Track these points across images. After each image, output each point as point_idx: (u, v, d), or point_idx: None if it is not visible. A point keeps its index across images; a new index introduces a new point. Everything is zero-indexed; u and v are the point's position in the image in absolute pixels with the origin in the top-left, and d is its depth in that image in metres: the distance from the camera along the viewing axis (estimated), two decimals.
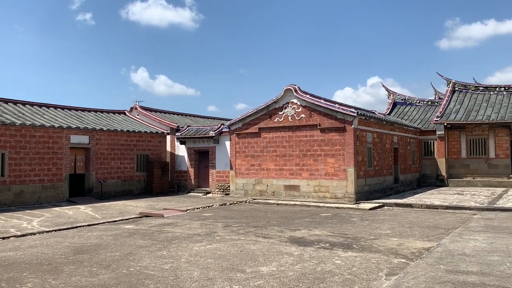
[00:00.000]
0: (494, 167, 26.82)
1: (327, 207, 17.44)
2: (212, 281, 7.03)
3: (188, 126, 25.44)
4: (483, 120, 26.43)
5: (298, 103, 20.49)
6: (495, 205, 16.55)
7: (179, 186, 24.73)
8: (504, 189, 24.14)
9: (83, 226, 13.21)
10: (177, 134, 24.81)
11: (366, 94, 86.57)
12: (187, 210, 16.83)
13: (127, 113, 26.97)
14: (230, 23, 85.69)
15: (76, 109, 24.18)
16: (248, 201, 19.91)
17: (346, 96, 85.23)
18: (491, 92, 29.99)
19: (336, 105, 19.95)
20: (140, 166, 23.70)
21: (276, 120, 21.14)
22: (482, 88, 30.61)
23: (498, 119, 26.03)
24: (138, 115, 27.08)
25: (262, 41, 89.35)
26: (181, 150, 24.92)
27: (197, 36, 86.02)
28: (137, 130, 23.42)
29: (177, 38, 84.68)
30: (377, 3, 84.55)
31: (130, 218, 14.80)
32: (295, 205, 18.34)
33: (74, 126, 20.41)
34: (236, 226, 12.62)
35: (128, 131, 22.86)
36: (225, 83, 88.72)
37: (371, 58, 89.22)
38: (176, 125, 25.51)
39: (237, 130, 22.39)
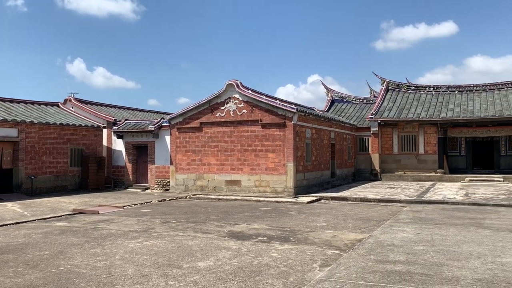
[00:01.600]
0: (423, 162, 28.56)
1: (267, 201, 17.69)
2: (147, 277, 6.90)
3: (126, 120, 24.67)
4: (413, 118, 28.02)
5: (240, 99, 20.54)
6: (422, 198, 17.63)
7: (116, 182, 23.94)
8: (431, 183, 25.78)
9: (9, 224, 12.41)
10: (114, 128, 23.98)
11: (307, 92, 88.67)
12: (124, 206, 16.35)
13: (60, 106, 25.63)
14: (173, 16, 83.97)
15: (4, 100, 22.58)
16: (188, 196, 19.70)
17: (287, 92, 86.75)
18: (422, 92, 31.85)
19: (277, 101, 20.24)
20: (75, 161, 22.66)
21: (218, 115, 21.06)
22: (413, 87, 32.41)
23: (427, 117, 27.71)
24: (72, 107, 25.83)
25: (205, 35, 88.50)
26: (119, 145, 24.12)
27: (138, 28, 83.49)
28: (71, 123, 22.34)
29: (117, 29, 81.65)
30: (318, 3, 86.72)
31: (63, 215, 14.12)
32: (236, 200, 18.42)
33: (1, 118, 19.07)
34: (175, 222, 12.46)
35: (61, 124, 21.74)
36: (167, 76, 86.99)
37: (312, 56, 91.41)
38: (113, 118, 24.64)
39: (178, 125, 22.04)
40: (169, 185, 22.29)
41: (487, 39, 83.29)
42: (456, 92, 30.78)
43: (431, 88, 31.85)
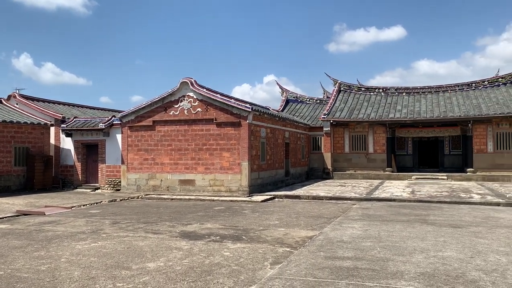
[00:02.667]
0: (373, 161, 29.55)
1: (221, 200, 17.65)
2: (94, 280, 6.68)
3: (75, 118, 23.77)
4: (364, 118, 28.92)
5: (195, 97, 20.35)
6: (371, 196, 18.24)
7: (64, 182, 23.02)
8: (380, 181, 26.72)
9: None
10: (62, 125, 23.03)
11: (263, 91, 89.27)
12: (73, 207, 15.76)
13: (3, 102, 24.29)
14: (127, 12, 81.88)
15: None
16: (140, 196, 19.29)
17: (243, 92, 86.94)
18: (372, 93, 32.93)
19: (232, 100, 20.23)
20: (19, 160, 21.57)
21: (171, 113, 20.75)
22: (364, 89, 33.46)
23: (376, 118, 28.69)
24: (17, 104, 24.55)
25: (161, 32, 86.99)
26: (67, 143, 23.20)
27: (89, 24, 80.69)
28: (15, 121, 21.24)
29: (66, 24, 78.55)
30: (273, 4, 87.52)
31: (5, 217, 13.40)
32: (189, 199, 18.23)
33: None
34: (125, 223, 12.16)
35: (4, 121, 20.62)
36: (119, 73, 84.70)
37: (268, 57, 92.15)
38: (61, 116, 23.66)
39: (130, 123, 21.51)
40: (120, 185, 21.72)
41: (433, 45, 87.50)
42: (404, 94, 32.07)
43: (381, 90, 33.00)
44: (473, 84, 30.84)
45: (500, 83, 30.04)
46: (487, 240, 9.47)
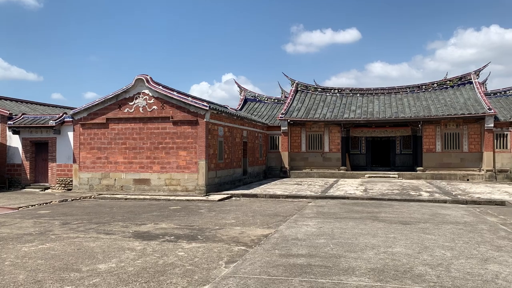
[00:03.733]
0: (328, 160, 30.17)
1: (178, 200, 17.42)
2: (40, 283, 6.40)
3: (23, 114, 22.67)
4: (320, 118, 29.46)
5: (150, 94, 19.96)
6: (326, 194, 18.62)
7: (11, 181, 21.92)
8: (335, 179, 27.33)
9: None
10: (9, 122, 21.91)
11: (221, 90, 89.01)
12: (20, 207, 15.03)
13: None
14: (81, 6, 79.04)
15: None
16: (93, 196, 18.69)
17: (202, 90, 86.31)
18: (328, 94, 33.60)
19: (189, 98, 20.01)
20: None
21: (126, 110, 20.24)
22: (320, 89, 34.07)
23: (332, 118, 29.31)
24: None
25: (117, 28, 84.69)
26: (15, 141, 22.10)
27: (41, 17, 77.26)
28: None
29: (15, 17, 74.82)
30: (233, 4, 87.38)
31: None
32: (144, 199, 17.87)
33: None
34: (76, 224, 11.74)
35: None
36: (73, 69, 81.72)
37: (226, 55, 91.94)
38: (8, 112, 22.49)
39: (82, 120, 20.80)
40: (72, 184, 20.95)
41: (386, 48, 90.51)
42: (358, 95, 32.95)
43: (336, 91, 33.74)
44: (423, 86, 32.16)
45: (448, 86, 31.51)
46: (434, 236, 9.90)
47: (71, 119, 21.01)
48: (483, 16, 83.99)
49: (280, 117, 29.79)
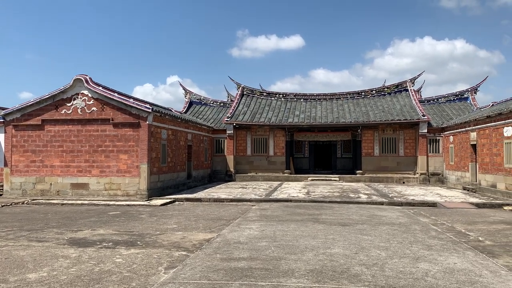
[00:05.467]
0: (273, 164, 30.55)
1: (118, 205, 16.86)
2: None
3: None
4: (265, 122, 29.78)
5: (90, 95, 19.21)
6: (270, 197, 18.82)
7: None
8: (279, 182, 27.71)
9: None
10: None
11: (166, 92, 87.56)
12: None
13: None
14: (18, 1, 74.68)
15: None
16: (26, 202, 17.64)
17: (146, 92, 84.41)
18: (273, 98, 34.06)
19: (131, 100, 19.48)
20: None
21: (63, 112, 19.34)
22: (265, 94, 34.48)
23: (276, 122, 29.73)
24: None
25: (55, 26, 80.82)
26: None
27: None
28: None
29: None
30: (179, 5, 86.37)
31: None
32: (82, 204, 17.12)
33: None
34: (6, 231, 11.01)
35: None
36: (6, 67, 76.89)
37: (172, 57, 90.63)
38: None
39: (15, 121, 19.60)
40: (2, 189, 19.64)
41: (328, 55, 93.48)
42: (302, 100, 33.69)
43: (281, 95, 34.30)
44: (363, 93, 33.48)
45: (386, 93, 33.03)
46: (370, 237, 10.29)
47: (2, 120, 19.74)
48: (417, 28, 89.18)
49: (226, 120, 29.77)
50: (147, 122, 18.88)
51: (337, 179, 28.55)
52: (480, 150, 21.70)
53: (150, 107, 18.99)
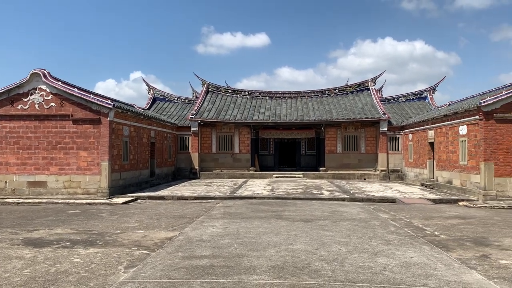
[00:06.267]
0: (238, 161, 30.54)
1: (77, 203, 16.39)
2: None
3: None
4: (230, 119, 29.71)
5: (48, 90, 18.54)
6: (234, 194, 18.81)
7: None
8: (244, 179, 27.74)
9: None
10: None
11: (129, 88, 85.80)
12: None
13: None
14: None
15: None
16: None
17: (108, 88, 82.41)
18: (238, 95, 34.03)
19: (92, 96, 18.93)
20: None
21: (20, 107, 18.58)
22: (231, 91, 34.39)
23: (242, 119, 29.71)
24: None
25: (13, 18, 77.44)
26: None
27: None
28: None
29: None
30: (143, 1, 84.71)
31: None
32: (40, 203, 16.53)
33: None
34: None
35: None
36: None
37: (135, 53, 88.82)
38: None
39: None
40: None
41: (293, 54, 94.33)
42: (267, 98, 33.83)
43: (246, 93, 34.32)
44: (326, 92, 34.00)
45: (348, 92, 33.68)
46: (331, 232, 10.48)
47: None
48: (379, 29, 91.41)
49: (191, 117, 29.49)
50: (108, 119, 18.43)
51: (301, 176, 28.89)
52: (437, 147, 22.52)
53: (112, 103, 18.54)
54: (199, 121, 29.43)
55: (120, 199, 17.28)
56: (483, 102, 17.22)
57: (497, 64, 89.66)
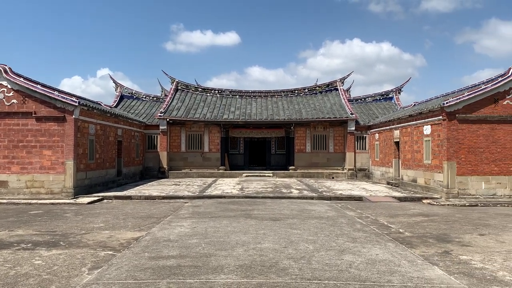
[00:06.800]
0: (208, 160, 30.37)
1: (40, 203, 15.88)
2: None
3: None
4: (200, 118, 29.51)
5: (9, 87, 17.87)
6: (204, 194, 18.69)
7: None
8: (214, 179, 27.62)
9: None
10: None
11: (96, 86, 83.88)
12: None
13: None
14: None
15: None
16: None
17: (74, 85, 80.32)
18: (208, 94, 33.83)
19: (56, 93, 18.38)
20: None
21: None
22: (201, 89, 34.15)
23: (212, 118, 29.57)
24: None
25: None
26: None
27: None
28: None
29: None
30: None
31: None
32: (0, 203, 15.91)
33: None
34: None
35: None
36: None
37: (102, 49, 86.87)
38: None
39: None
40: None
41: (264, 53, 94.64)
42: (237, 97, 33.79)
43: (216, 91, 34.16)
44: (296, 91, 34.29)
45: (318, 92, 34.08)
46: (299, 231, 10.57)
47: None
48: (347, 30, 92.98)
49: (159, 115, 29.09)
50: (74, 116, 17.94)
51: (271, 175, 29.02)
52: (402, 147, 23.11)
53: (77, 101, 18.05)
54: (168, 119, 29.07)
55: (85, 199, 16.86)
56: (446, 103, 17.79)
57: (461, 66, 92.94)
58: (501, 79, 17.96)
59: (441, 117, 18.19)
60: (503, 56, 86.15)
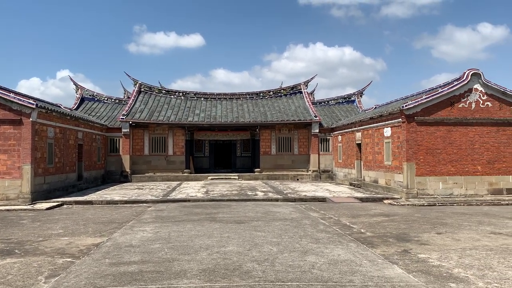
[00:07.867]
0: (172, 163, 29.98)
1: None
2: None
3: None
4: (164, 120, 29.10)
5: None
6: (168, 197, 18.43)
7: None
8: (179, 182, 27.30)
9: None
10: None
11: (56, 87, 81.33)
12: None
13: None
14: None
15: None
16: None
17: (32, 87, 77.57)
18: (172, 96, 33.43)
19: (12, 95, 17.65)
20: None
21: None
22: (164, 91, 33.70)
23: (176, 121, 29.22)
24: None
25: None
26: None
27: None
28: None
29: None
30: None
31: None
32: None
33: None
34: None
35: None
36: None
37: (62, 50, 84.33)
38: None
39: None
40: None
41: (229, 55, 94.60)
42: (202, 99, 33.58)
43: (181, 94, 33.82)
44: (261, 94, 34.45)
45: (282, 94, 34.38)
46: (264, 233, 10.60)
47: None
48: (310, 34, 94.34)
49: (121, 118, 28.48)
50: (31, 119, 17.29)
51: (237, 177, 28.99)
52: (364, 148, 23.65)
53: (34, 103, 17.41)
54: (130, 122, 28.51)
55: (44, 205, 16.26)
56: (405, 105, 18.35)
57: (419, 70, 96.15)
58: (456, 83, 18.73)
59: (400, 119, 18.75)
60: (459, 61, 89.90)
